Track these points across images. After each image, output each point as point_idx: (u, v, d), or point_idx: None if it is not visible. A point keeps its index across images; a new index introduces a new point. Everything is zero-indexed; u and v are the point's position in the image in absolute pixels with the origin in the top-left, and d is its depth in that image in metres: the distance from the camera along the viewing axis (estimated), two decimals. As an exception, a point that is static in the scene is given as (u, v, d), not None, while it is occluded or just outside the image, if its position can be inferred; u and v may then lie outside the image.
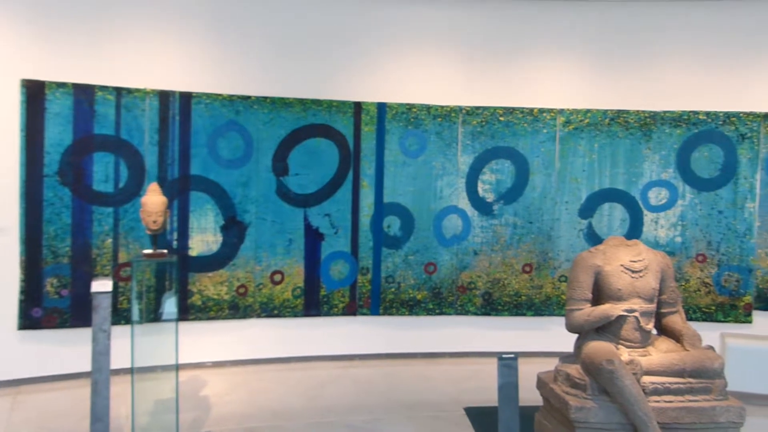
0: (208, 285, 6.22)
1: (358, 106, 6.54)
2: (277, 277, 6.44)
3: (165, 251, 4.76)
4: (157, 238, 4.72)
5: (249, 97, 6.27)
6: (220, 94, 6.19)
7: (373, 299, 6.65)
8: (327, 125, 6.48)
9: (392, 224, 6.65)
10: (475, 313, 6.79)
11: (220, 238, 6.24)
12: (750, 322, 6.70)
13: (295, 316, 6.51)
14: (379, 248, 6.64)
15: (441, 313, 6.76)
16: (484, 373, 6.18)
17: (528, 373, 4.67)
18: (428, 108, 6.64)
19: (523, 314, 6.80)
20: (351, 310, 6.63)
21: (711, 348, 4.01)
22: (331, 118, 6.49)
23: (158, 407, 4.79)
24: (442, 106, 6.66)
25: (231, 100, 6.21)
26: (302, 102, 6.41)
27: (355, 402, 5.45)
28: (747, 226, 6.68)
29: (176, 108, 6.04)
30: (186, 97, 6.07)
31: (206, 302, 6.22)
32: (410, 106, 6.62)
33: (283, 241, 6.43)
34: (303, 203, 6.46)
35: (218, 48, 6.30)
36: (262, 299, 6.41)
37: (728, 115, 6.67)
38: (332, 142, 6.50)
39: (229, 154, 6.23)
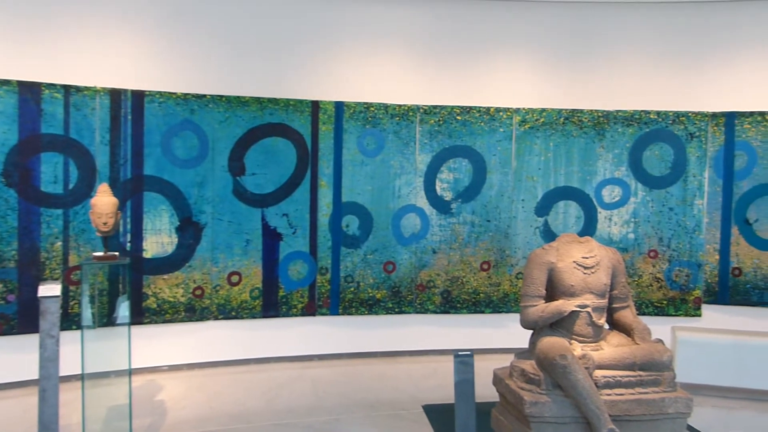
0: (164, 287, 6.10)
1: (315, 105, 6.50)
2: (235, 278, 6.35)
3: (116, 253, 4.64)
4: (109, 240, 4.61)
5: (204, 96, 6.17)
6: (174, 93, 6.07)
7: (333, 299, 6.62)
8: (284, 124, 6.42)
9: (351, 223, 6.64)
10: (435, 312, 6.83)
11: (175, 240, 6.12)
12: (699, 315, 6.90)
13: (254, 317, 6.44)
14: (338, 248, 6.61)
15: (400, 312, 6.77)
16: (443, 370, 6.22)
17: (486, 370, 4.72)
18: (386, 107, 6.64)
19: (482, 312, 6.87)
20: (310, 310, 6.59)
21: (660, 341, 4.10)
22: (288, 117, 6.43)
23: (111, 414, 4.67)
24: (400, 105, 6.67)
25: (185, 98, 6.10)
26: (259, 101, 6.34)
27: (315, 403, 5.42)
28: (696, 222, 6.88)
29: (128, 106, 5.90)
30: (138, 96, 5.93)
31: (161, 305, 6.09)
32: (368, 105, 6.61)
33: (240, 241, 6.34)
34: (260, 203, 6.39)
35: (172, 45, 6.19)
36: (219, 301, 6.31)
37: (678, 115, 6.86)
38: (290, 142, 6.45)
39: (184, 153, 6.12)
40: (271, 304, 6.47)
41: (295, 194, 6.48)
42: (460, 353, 4.10)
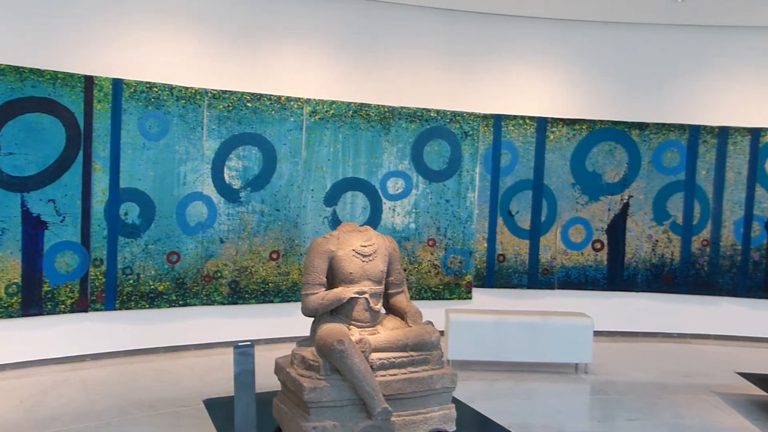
0: None
1: (89, 81, 5.92)
2: (-14, 273, 5.57)
3: None
4: None
5: (-55, 60, 5.30)
6: None
7: (108, 293, 6.11)
8: (51, 99, 5.75)
9: (130, 211, 6.17)
10: (222, 303, 6.64)
11: None
12: (470, 298, 7.61)
13: (10, 316, 5.70)
14: (115, 237, 6.11)
15: (185, 305, 6.48)
16: (229, 363, 6.03)
17: (273, 360, 4.70)
18: (171, 88, 6.27)
19: (271, 301, 6.84)
20: (82, 305, 6.01)
21: (430, 323, 4.42)
22: (55, 92, 5.77)
23: None
24: (187, 88, 6.35)
25: None
26: (18, 70, 5.59)
27: (85, 407, 4.96)
28: (468, 213, 7.56)
29: None
30: None
31: None
32: (151, 85, 6.19)
33: (-7, 230, 5.57)
34: (20, 187, 5.66)
35: None
36: (-35, 299, 5.49)
37: (454, 114, 7.45)
38: (57, 119, 5.79)
39: None
40: (32, 300, 5.77)
41: (63, 178, 5.85)
42: (239, 344, 4.04)
